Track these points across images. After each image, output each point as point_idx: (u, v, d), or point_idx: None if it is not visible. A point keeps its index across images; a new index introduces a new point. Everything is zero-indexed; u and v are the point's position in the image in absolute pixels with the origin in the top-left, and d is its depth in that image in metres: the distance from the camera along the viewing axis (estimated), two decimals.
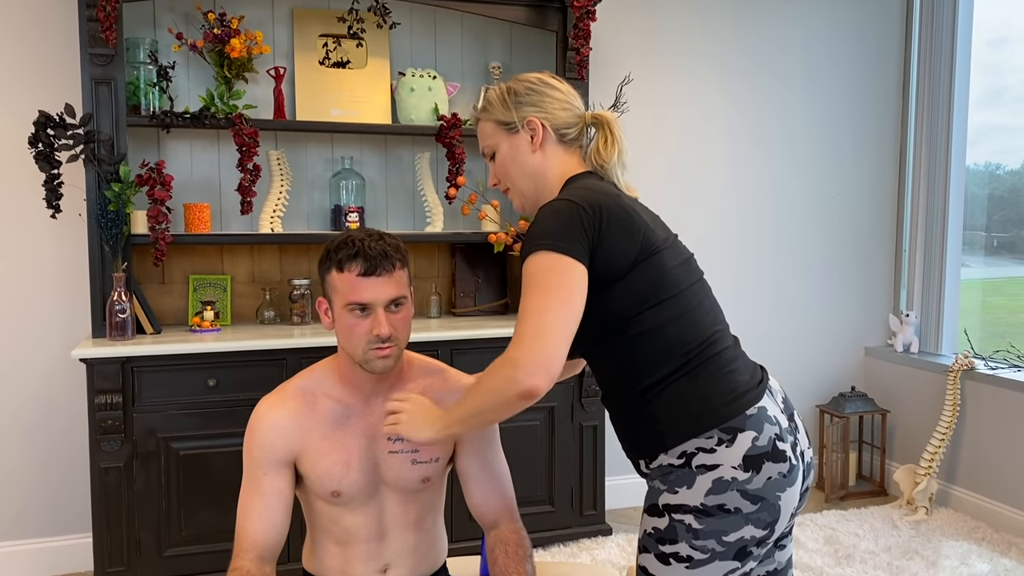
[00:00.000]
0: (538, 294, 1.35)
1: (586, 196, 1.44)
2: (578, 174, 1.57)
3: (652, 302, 1.42)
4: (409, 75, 3.30)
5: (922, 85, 3.95)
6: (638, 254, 1.42)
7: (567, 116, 1.59)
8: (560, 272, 1.36)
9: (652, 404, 1.42)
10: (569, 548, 3.23)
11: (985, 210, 4.03)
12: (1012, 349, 3.68)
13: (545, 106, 1.58)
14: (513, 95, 1.58)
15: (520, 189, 1.61)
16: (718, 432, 1.38)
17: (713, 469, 1.37)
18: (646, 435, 1.44)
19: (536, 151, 1.57)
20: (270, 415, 1.59)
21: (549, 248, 1.37)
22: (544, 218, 1.42)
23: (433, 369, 1.71)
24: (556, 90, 1.60)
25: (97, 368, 2.72)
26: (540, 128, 1.57)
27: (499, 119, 1.59)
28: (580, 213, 1.40)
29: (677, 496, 1.38)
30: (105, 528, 2.77)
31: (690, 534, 1.36)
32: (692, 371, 1.42)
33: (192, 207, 3.05)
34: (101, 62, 2.82)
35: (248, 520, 1.54)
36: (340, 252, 1.52)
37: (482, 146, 1.65)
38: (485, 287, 3.51)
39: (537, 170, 1.58)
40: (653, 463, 1.44)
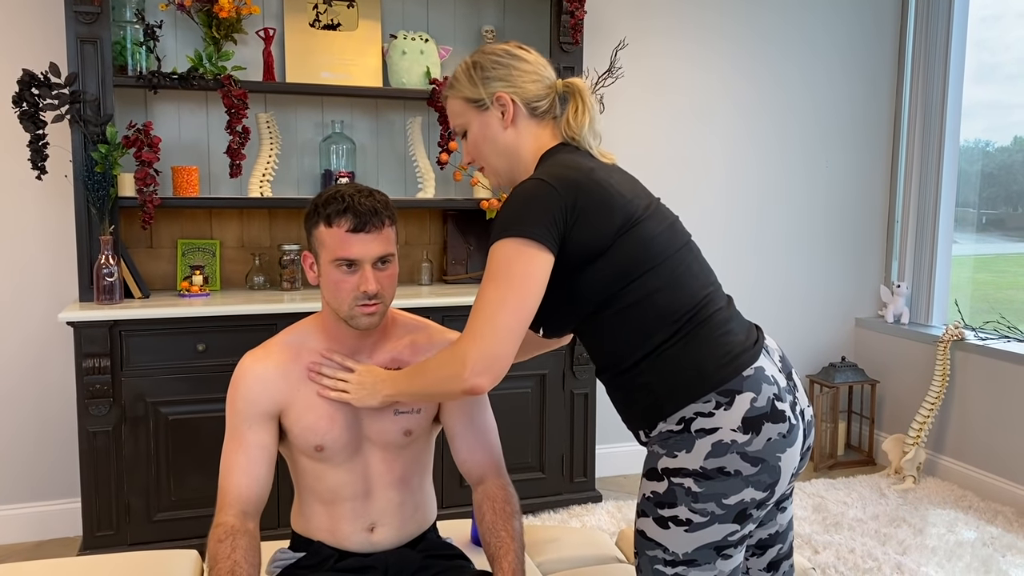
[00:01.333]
0: (497, 287, 1.35)
1: (558, 174, 1.41)
2: (552, 148, 1.52)
3: (638, 272, 1.40)
4: (401, 38, 3.25)
5: (917, 59, 3.93)
6: (619, 227, 1.39)
7: (537, 88, 1.53)
8: (522, 263, 1.35)
9: (646, 374, 1.41)
10: (559, 515, 3.24)
11: (975, 187, 4.03)
12: (1002, 320, 3.69)
13: (514, 80, 1.52)
14: (480, 70, 1.53)
15: (494, 167, 1.57)
16: (715, 395, 1.37)
17: (712, 432, 1.35)
18: (643, 406, 1.42)
19: (508, 127, 1.52)
20: (256, 367, 1.57)
21: (515, 234, 1.35)
22: (513, 202, 1.39)
23: (417, 325, 1.70)
24: (524, 62, 1.54)
25: (84, 332, 2.69)
26: (510, 104, 1.51)
27: (467, 96, 1.54)
28: (551, 194, 1.37)
29: (676, 460, 1.37)
30: (94, 493, 2.76)
31: (689, 497, 1.35)
32: (685, 337, 1.40)
33: (180, 170, 3.01)
34: (86, 20, 2.76)
35: (231, 475, 1.53)
36: (329, 206, 1.50)
37: (453, 124, 1.60)
38: (477, 254, 3.49)
39: (510, 147, 1.53)
40: (653, 432, 1.43)
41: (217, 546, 1.46)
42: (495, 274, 1.36)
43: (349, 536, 1.63)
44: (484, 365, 1.33)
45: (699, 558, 1.36)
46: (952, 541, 3.08)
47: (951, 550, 3.00)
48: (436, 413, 1.69)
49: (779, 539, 1.53)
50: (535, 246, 1.35)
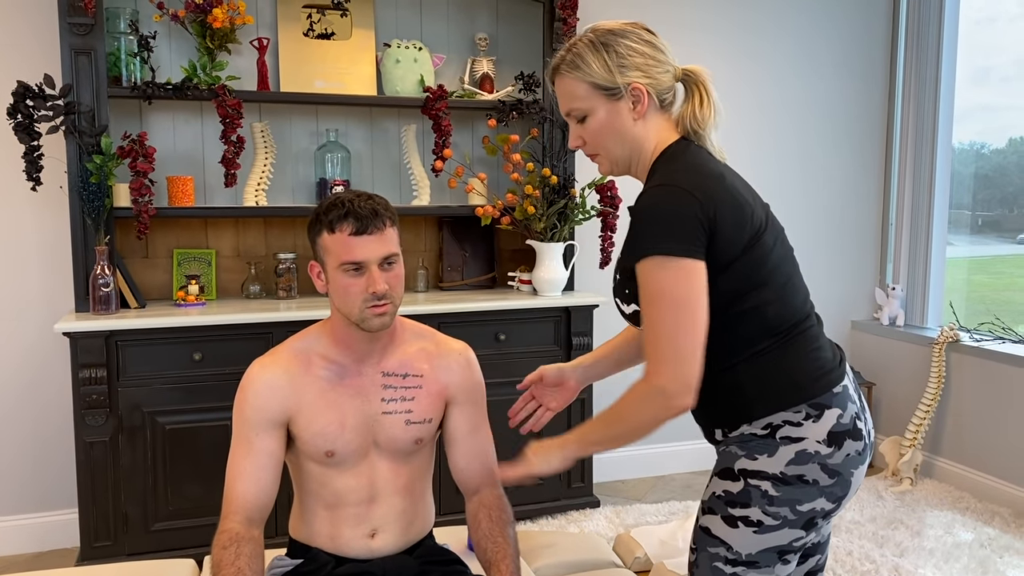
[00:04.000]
0: (668, 311, 1.32)
1: (695, 182, 1.36)
2: (672, 144, 1.46)
3: (754, 285, 1.39)
4: (394, 46, 3.26)
5: (909, 62, 3.95)
6: (747, 241, 1.37)
7: (667, 79, 1.46)
8: (684, 281, 1.32)
9: (740, 376, 1.41)
10: (557, 520, 3.24)
11: (970, 189, 4.05)
12: (997, 321, 3.70)
13: (650, 71, 1.43)
14: (616, 56, 1.42)
15: (614, 156, 1.49)
16: (806, 407, 1.39)
17: (798, 442, 1.38)
18: (729, 405, 1.43)
19: (638, 120, 1.44)
20: (264, 374, 1.58)
21: (667, 252, 1.31)
22: (655, 212, 1.34)
23: (424, 332, 1.72)
24: (659, 50, 1.46)
25: (81, 342, 2.69)
26: (645, 96, 1.43)
27: (597, 82, 1.43)
28: (693, 205, 1.33)
29: (756, 463, 1.38)
30: (91, 503, 2.76)
31: (765, 500, 1.37)
32: (783, 346, 1.41)
33: (175, 180, 3.02)
34: (80, 32, 2.77)
35: (237, 481, 1.54)
36: (330, 213, 1.52)
37: (568, 107, 1.48)
38: (472, 261, 3.49)
39: (636, 139, 1.45)
40: (733, 432, 1.44)
41: (221, 553, 1.47)
42: (660, 297, 1.32)
43: (349, 542, 1.64)
44: (684, 387, 1.32)
45: (761, 560, 1.38)
46: (949, 543, 3.08)
47: (948, 552, 3.00)
48: (443, 418, 1.70)
49: (820, 549, 1.55)
50: (691, 261, 1.32)
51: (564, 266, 3.34)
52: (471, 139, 3.53)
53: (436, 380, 1.67)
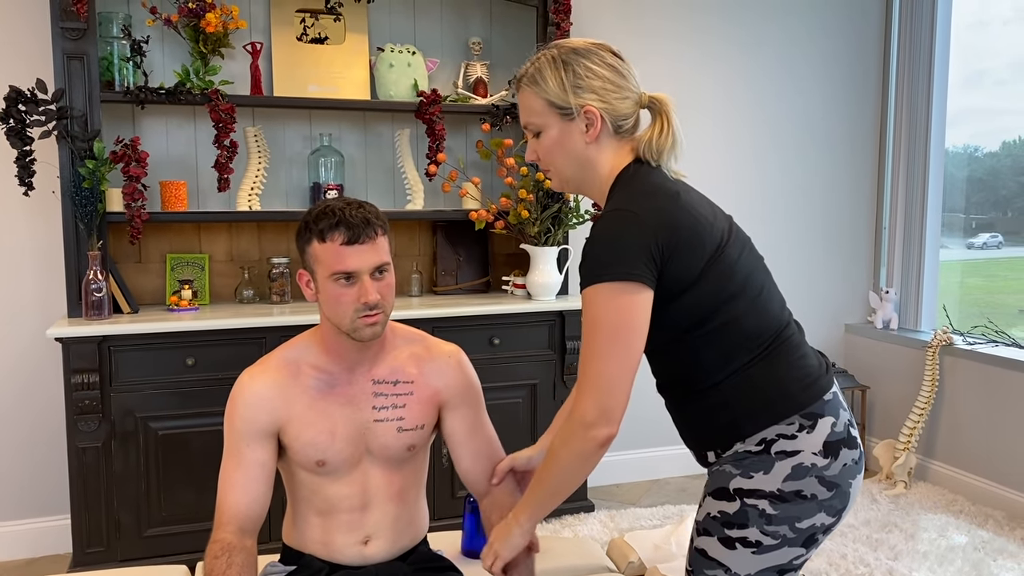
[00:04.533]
0: (601, 337, 1.30)
1: (649, 207, 1.34)
2: (628, 167, 1.43)
3: (723, 299, 1.37)
4: (388, 51, 3.26)
5: (902, 66, 3.96)
6: (708, 258, 1.35)
7: (626, 106, 1.43)
8: (624, 308, 1.30)
9: (725, 393, 1.38)
10: (551, 524, 3.24)
11: (964, 192, 4.06)
12: (990, 325, 3.71)
13: (607, 96, 1.41)
14: (572, 75, 1.40)
15: (563, 175, 1.47)
16: (799, 418, 1.36)
17: (793, 455, 1.35)
18: (719, 425, 1.39)
19: (590, 142, 1.42)
20: (253, 385, 1.57)
21: (612, 278, 1.29)
22: (604, 238, 1.32)
23: (414, 337, 1.71)
24: (620, 76, 1.43)
25: (73, 347, 2.68)
26: (598, 120, 1.41)
27: (552, 100, 1.41)
28: (645, 230, 1.31)
29: (752, 481, 1.35)
30: (84, 509, 2.74)
31: (763, 519, 1.34)
32: (766, 358, 1.38)
33: (168, 184, 3.01)
34: (73, 36, 2.76)
35: (229, 492, 1.53)
36: (321, 222, 1.50)
37: (524, 120, 1.48)
38: (467, 265, 3.49)
39: (586, 161, 1.43)
40: (726, 452, 1.40)
41: (213, 562, 1.47)
42: (597, 323, 1.30)
43: (342, 549, 1.63)
44: (606, 417, 1.31)
45: None
46: (943, 546, 3.09)
47: (942, 555, 3.01)
48: (435, 424, 1.70)
49: None
50: (634, 287, 1.30)
51: (558, 270, 3.34)
52: (465, 143, 3.53)
53: (427, 385, 1.66)
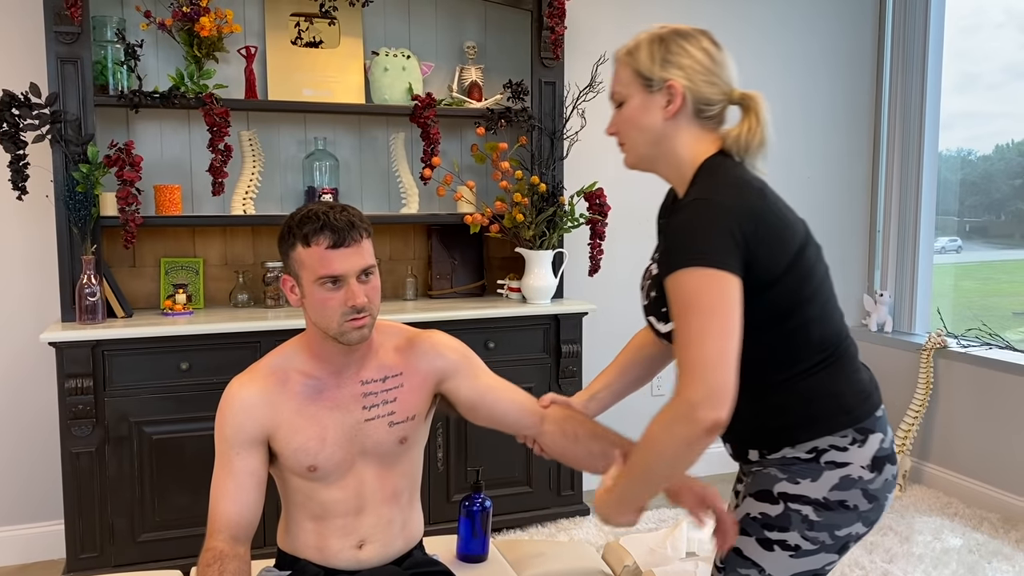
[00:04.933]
0: (695, 319, 1.26)
1: (734, 197, 1.33)
2: (713, 157, 1.41)
3: (798, 301, 1.36)
4: (383, 54, 3.27)
5: (895, 70, 3.97)
6: (792, 257, 1.34)
7: (712, 92, 1.41)
8: (716, 292, 1.26)
9: (784, 396, 1.38)
10: (547, 528, 3.24)
11: (957, 195, 4.07)
12: (984, 327, 3.72)
13: (694, 76, 1.40)
14: (663, 48, 1.40)
15: (637, 150, 1.45)
16: (852, 432, 1.37)
17: (843, 467, 1.36)
18: (772, 427, 1.39)
19: (668, 119, 1.40)
20: (241, 394, 1.57)
21: (702, 263, 1.27)
22: (693, 224, 1.30)
23: (389, 329, 1.70)
24: (711, 59, 1.42)
25: (67, 352, 2.68)
26: (679, 97, 1.39)
27: (640, 70, 1.41)
28: (732, 220, 1.29)
29: (798, 487, 1.36)
30: (77, 514, 2.73)
31: (805, 525, 1.35)
32: (827, 367, 1.38)
33: (163, 188, 3.00)
34: (67, 40, 2.76)
35: (221, 501, 1.53)
36: (305, 226, 1.50)
37: (613, 89, 1.47)
38: (462, 269, 3.49)
39: (661, 139, 1.42)
40: (772, 454, 1.40)
41: (206, 570, 1.46)
42: (690, 306, 1.27)
43: (337, 553, 1.63)
44: (714, 400, 1.24)
45: None
46: (938, 548, 3.09)
47: (937, 557, 3.01)
48: (428, 411, 1.69)
49: None
50: (724, 275, 1.27)
51: (553, 274, 3.34)
52: (460, 147, 3.54)
53: (416, 371, 1.66)
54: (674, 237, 1.31)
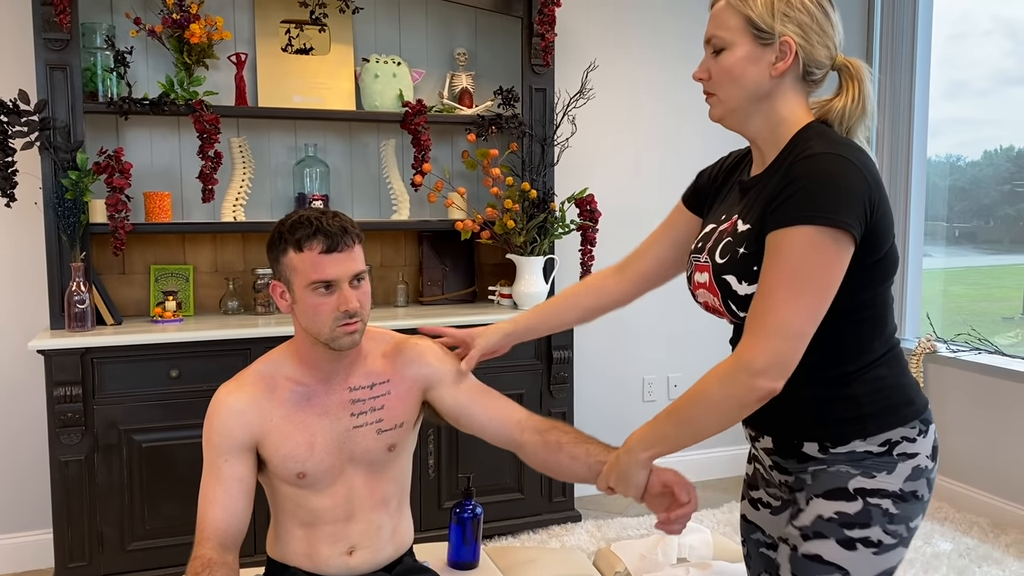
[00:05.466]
0: (795, 283, 1.19)
1: (864, 161, 1.25)
2: (816, 123, 1.34)
3: (883, 284, 1.31)
4: (373, 61, 3.27)
5: (884, 77, 3.99)
6: (892, 233, 1.30)
7: (823, 56, 1.34)
8: (828, 259, 1.20)
9: (854, 387, 1.32)
10: (539, 535, 3.23)
11: (946, 201, 4.09)
12: (973, 332, 3.73)
13: (810, 35, 1.31)
14: (784, 3, 1.30)
15: (731, 103, 1.36)
16: (919, 423, 1.35)
17: (913, 457, 1.33)
18: (842, 419, 1.32)
19: (774, 77, 1.32)
20: (229, 400, 1.57)
21: (826, 222, 1.19)
22: (825, 177, 1.21)
23: (377, 336, 1.70)
24: (829, 22, 1.33)
25: (56, 360, 2.66)
26: (792, 55, 1.31)
27: (753, 18, 1.31)
28: (865, 182, 1.22)
29: (875, 480, 1.31)
30: (66, 523, 2.72)
31: (886, 518, 1.31)
32: (890, 359, 1.35)
33: (152, 195, 3.00)
34: (56, 47, 2.75)
35: (209, 508, 1.52)
36: (298, 232, 1.50)
37: (712, 32, 1.35)
38: (453, 275, 3.49)
39: (764, 96, 1.33)
40: (840, 448, 1.33)
41: None
42: (795, 268, 1.20)
43: (327, 560, 1.62)
44: (777, 371, 1.21)
45: None
46: (928, 552, 3.10)
47: (927, 562, 3.02)
48: (416, 418, 1.69)
49: None
50: (846, 237, 1.20)
51: (544, 280, 3.34)
52: (451, 153, 3.54)
53: (403, 379, 1.66)
54: (802, 187, 1.22)
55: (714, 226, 1.44)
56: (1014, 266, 3.95)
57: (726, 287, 1.35)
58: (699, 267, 1.43)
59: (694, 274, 1.45)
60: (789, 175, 1.25)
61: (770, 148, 1.37)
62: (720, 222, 1.43)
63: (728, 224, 1.39)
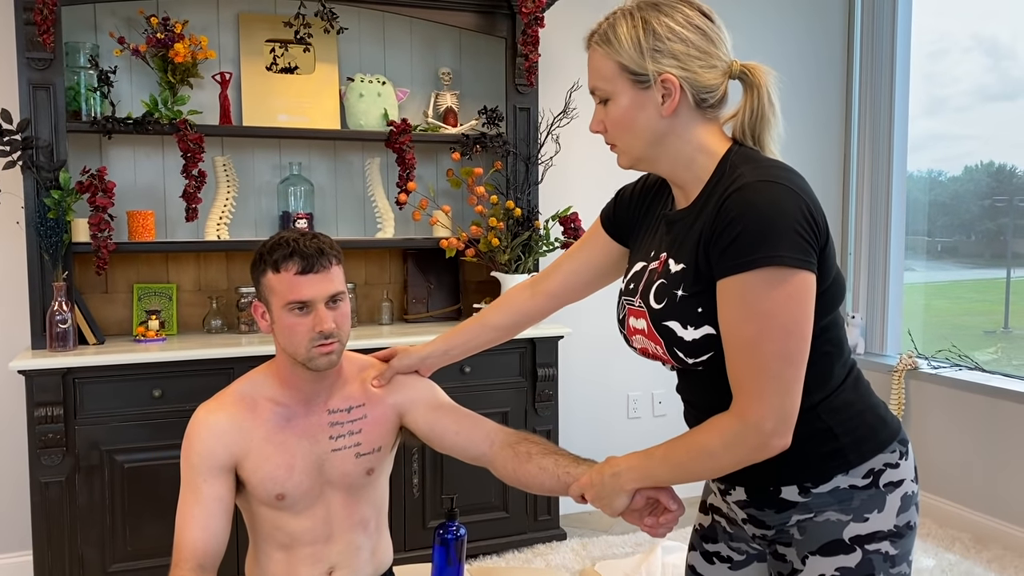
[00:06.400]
0: (775, 336, 1.12)
1: (799, 184, 1.17)
2: (737, 146, 1.26)
3: (835, 308, 1.24)
4: (358, 80, 3.28)
5: (864, 94, 4.04)
6: (835, 259, 1.23)
7: (713, 77, 1.23)
8: (797, 302, 1.12)
9: (825, 418, 1.23)
10: (524, 553, 3.22)
11: (927, 216, 4.13)
12: (954, 349, 3.76)
13: (690, 63, 1.21)
14: (652, 37, 1.20)
15: (632, 151, 1.28)
16: (898, 444, 1.27)
17: (899, 485, 1.25)
18: (820, 454, 1.23)
19: (665, 116, 1.22)
20: (209, 420, 1.57)
21: (783, 263, 1.11)
22: (765, 213, 1.12)
23: (364, 364, 1.71)
24: (708, 40, 1.23)
25: (37, 380, 2.65)
26: (677, 91, 1.21)
27: (624, 64, 1.22)
28: (804, 209, 1.14)
29: (868, 524, 1.22)
30: (46, 545, 2.69)
31: (888, 563, 1.22)
32: (852, 381, 1.27)
33: (136, 214, 2.99)
34: (39, 66, 2.75)
35: (187, 529, 1.52)
36: (275, 253, 1.52)
37: (592, 84, 1.28)
38: (437, 293, 3.49)
39: (661, 137, 1.24)
40: (823, 487, 1.23)
41: None
42: (770, 319, 1.12)
43: None
44: (785, 427, 1.15)
45: None
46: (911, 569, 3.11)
47: None
48: (393, 442, 1.69)
49: None
50: (806, 275, 1.13)
51: None
52: (435, 172, 3.55)
53: (379, 403, 1.65)
54: (745, 224, 1.13)
55: (643, 264, 1.34)
56: (995, 280, 3.98)
57: (669, 334, 1.24)
58: (633, 311, 1.32)
59: (628, 318, 1.34)
60: (726, 212, 1.15)
61: (691, 183, 1.27)
62: (649, 259, 1.33)
63: (658, 263, 1.29)
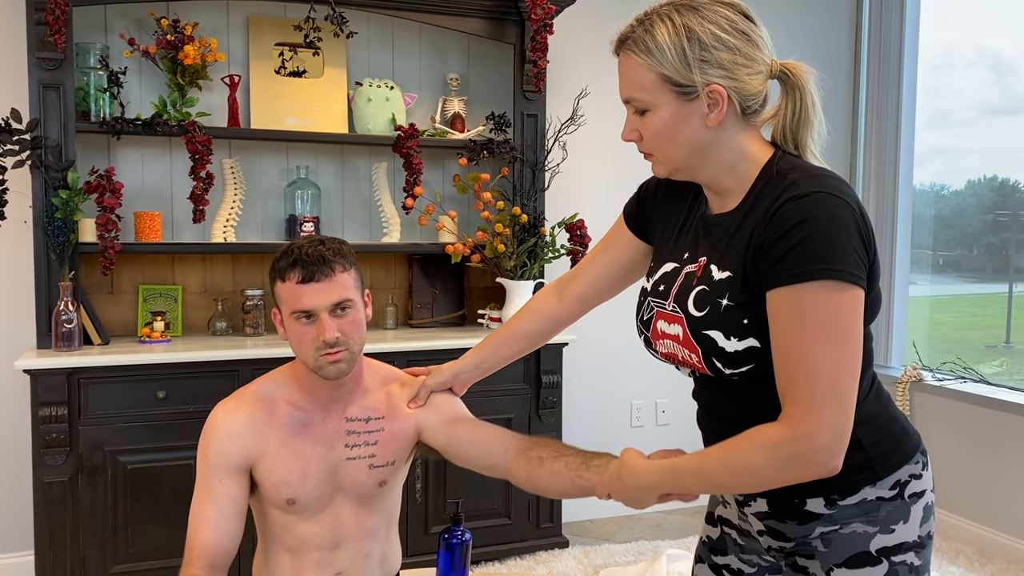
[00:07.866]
0: (830, 345, 1.09)
1: (855, 197, 1.14)
2: (781, 153, 1.22)
3: (870, 322, 1.21)
4: (366, 85, 3.29)
5: (871, 107, 4.05)
6: (879, 276, 1.20)
7: (757, 82, 1.18)
8: (852, 316, 1.10)
9: (854, 430, 1.17)
10: (526, 561, 3.21)
11: (931, 230, 4.14)
12: (959, 361, 3.76)
13: (737, 72, 1.16)
14: (699, 47, 1.14)
15: (672, 162, 1.23)
16: (920, 455, 1.25)
17: (922, 495, 1.24)
18: (848, 467, 1.17)
19: (711, 127, 1.18)
20: (227, 420, 1.56)
21: (843, 277, 1.09)
22: (826, 225, 1.10)
23: (389, 376, 1.70)
24: (754, 45, 1.17)
25: (41, 380, 2.64)
26: (724, 101, 1.16)
27: (668, 75, 1.15)
28: (862, 222, 1.12)
29: (894, 535, 1.21)
30: (48, 545, 2.68)
31: (912, 574, 1.21)
32: (876, 393, 1.25)
33: (143, 215, 2.99)
34: (49, 67, 2.75)
35: (200, 527, 1.51)
36: (281, 262, 1.52)
37: (627, 94, 1.21)
38: (443, 298, 3.49)
39: (704, 148, 1.19)
40: (848, 499, 1.21)
41: None
42: (827, 327, 1.09)
43: None
44: (838, 446, 1.10)
45: None
46: None
47: None
48: (408, 456, 1.68)
49: None
50: (857, 291, 1.11)
51: None
52: (442, 177, 3.55)
53: (398, 416, 1.65)
54: (809, 236, 1.09)
55: (674, 265, 1.29)
56: (997, 294, 3.98)
57: (709, 343, 1.19)
58: (664, 315, 1.27)
59: (656, 321, 1.29)
60: (781, 221, 1.12)
61: (733, 189, 1.24)
62: (682, 261, 1.29)
63: (696, 267, 1.25)
